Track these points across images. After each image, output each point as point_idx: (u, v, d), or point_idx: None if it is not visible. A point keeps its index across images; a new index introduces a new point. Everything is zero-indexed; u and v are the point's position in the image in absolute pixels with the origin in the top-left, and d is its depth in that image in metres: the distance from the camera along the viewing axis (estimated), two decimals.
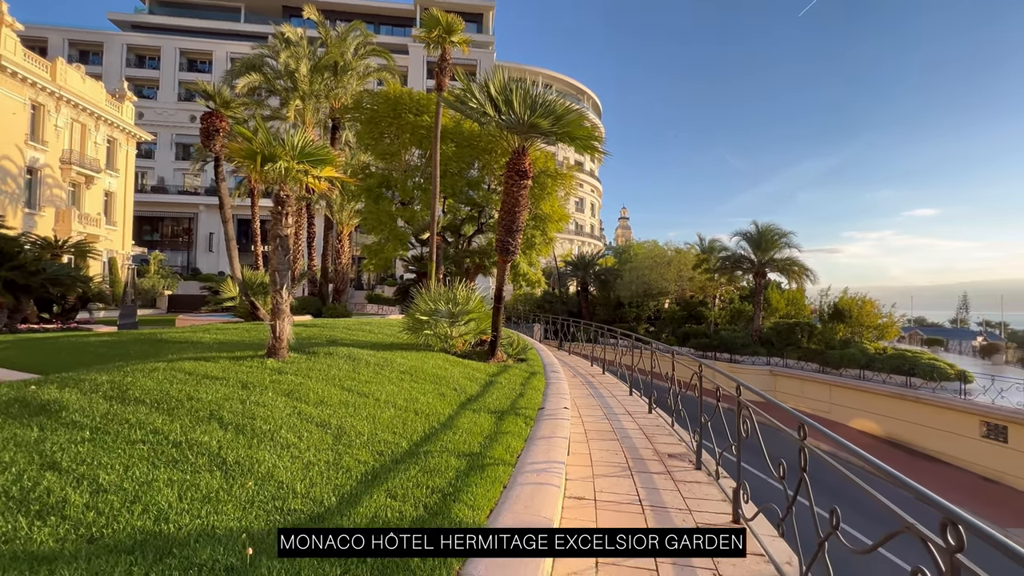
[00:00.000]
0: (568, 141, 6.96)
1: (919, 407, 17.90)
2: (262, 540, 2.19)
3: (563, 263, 43.52)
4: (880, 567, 8.76)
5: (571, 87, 60.13)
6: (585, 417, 7.17)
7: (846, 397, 20.93)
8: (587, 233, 60.92)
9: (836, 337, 25.06)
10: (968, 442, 16.12)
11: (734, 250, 31.06)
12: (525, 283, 21.42)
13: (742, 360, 25.78)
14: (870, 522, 7.17)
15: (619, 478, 4.75)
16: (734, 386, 4.21)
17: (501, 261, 7.33)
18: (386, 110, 20.71)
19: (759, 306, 29.24)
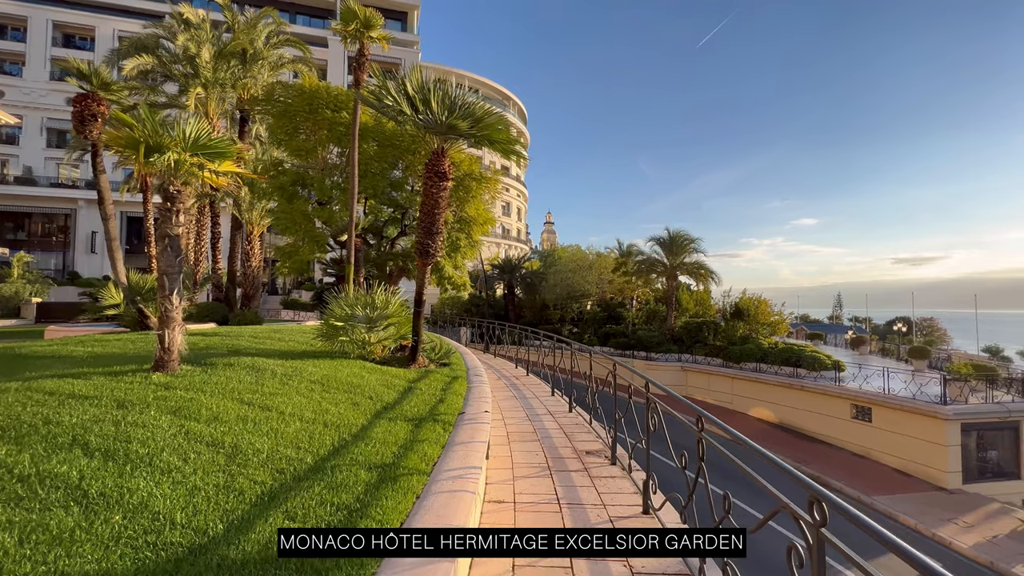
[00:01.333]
0: (488, 144, 6.97)
1: (804, 394, 20.14)
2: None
3: (490, 266, 43.71)
4: (775, 540, 9.71)
5: (497, 92, 60.81)
6: (508, 420, 7.20)
7: (746, 388, 23.00)
8: (514, 237, 61.77)
9: (737, 334, 27.48)
10: (842, 423, 18.40)
11: (649, 254, 33.04)
12: (450, 286, 21.18)
13: (657, 357, 27.43)
14: (765, 500, 7.92)
15: (539, 479, 4.80)
16: (643, 383, 4.43)
17: (421, 264, 7.15)
18: (301, 104, 19.54)
19: (671, 306, 31.33)
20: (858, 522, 1.55)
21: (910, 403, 16.24)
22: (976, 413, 15.47)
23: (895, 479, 15.55)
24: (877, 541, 1.46)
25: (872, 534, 1.49)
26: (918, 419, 15.94)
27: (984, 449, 15.66)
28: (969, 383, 17.12)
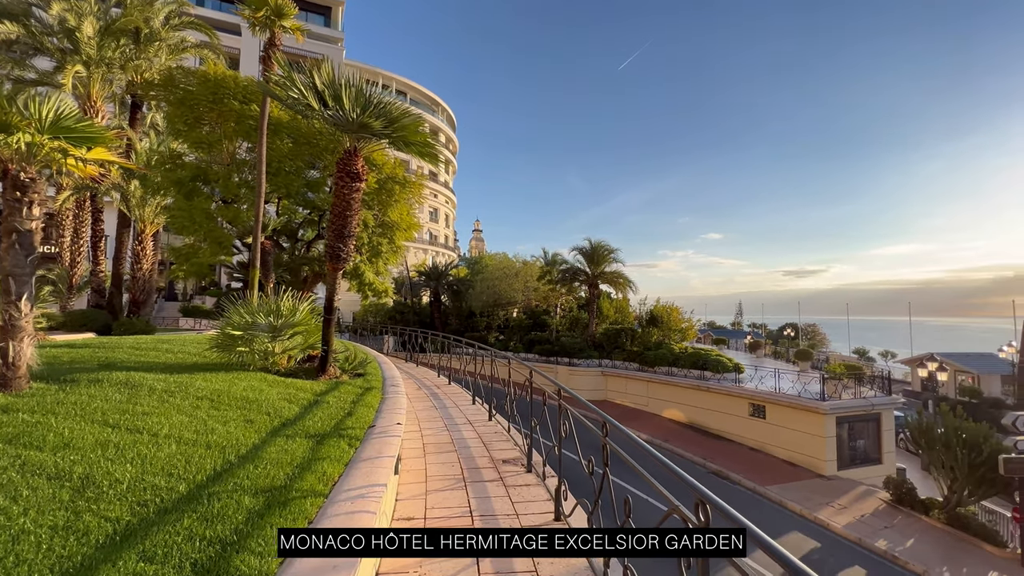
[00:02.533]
0: (404, 146, 6.74)
1: (709, 395, 21.77)
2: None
3: (416, 273, 42.79)
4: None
5: (426, 97, 60.10)
6: (425, 431, 6.96)
7: (659, 391, 24.41)
8: (441, 244, 61.05)
9: (652, 339, 29.14)
10: (741, 420, 20.12)
11: (572, 263, 34.13)
12: (372, 293, 20.34)
13: (579, 363, 28.30)
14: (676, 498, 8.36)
15: (453, 491, 4.65)
16: (556, 389, 4.47)
17: (332, 269, 6.71)
18: (205, 93, 17.86)
19: (593, 314, 32.55)
20: (734, 521, 1.61)
21: (796, 400, 18.14)
22: (847, 407, 17.61)
23: (784, 469, 17.21)
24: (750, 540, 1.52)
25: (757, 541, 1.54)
26: (803, 414, 17.83)
27: (854, 439, 17.86)
28: (842, 381, 19.49)
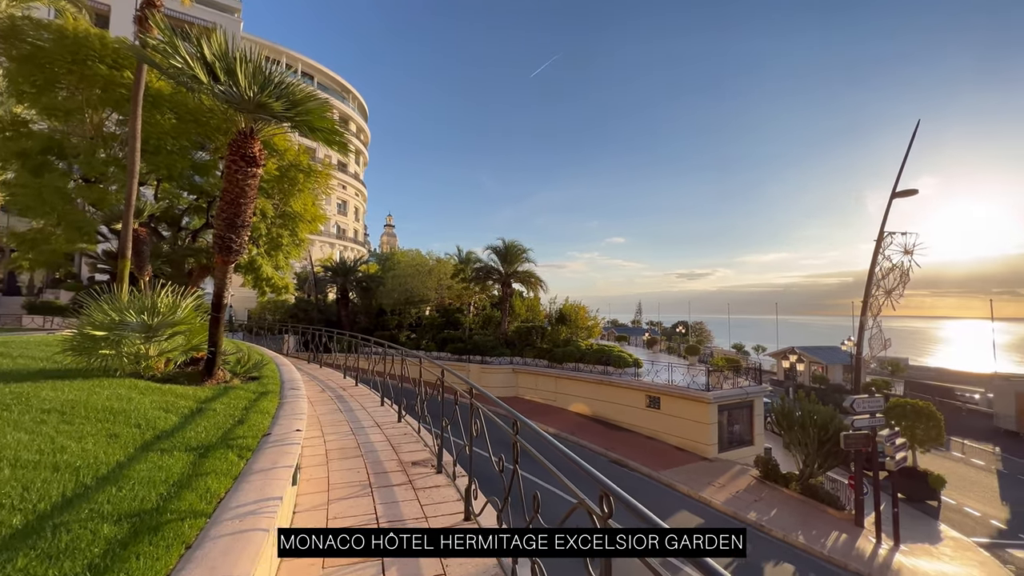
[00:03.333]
0: (308, 131, 6.25)
1: (612, 388, 23.19)
2: None
3: (321, 268, 40.30)
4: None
5: (335, 83, 56.67)
6: (329, 436, 6.57)
7: (567, 386, 25.48)
8: (350, 238, 58.09)
9: (560, 337, 30.33)
10: (639, 411, 21.72)
11: (486, 262, 34.37)
12: (270, 289, 18.75)
13: (492, 361, 28.58)
14: (585, 492, 8.78)
15: (358, 498, 4.44)
16: (467, 388, 4.45)
17: (221, 261, 6.03)
18: (62, 52, 15.22)
19: (506, 312, 33.06)
20: (636, 511, 1.71)
21: (686, 391, 19.97)
22: (727, 396, 19.78)
23: (675, 455, 18.87)
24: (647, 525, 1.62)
25: (644, 521, 1.64)
26: (691, 404, 19.69)
27: (732, 424, 20.11)
28: (723, 373, 21.83)
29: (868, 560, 12.12)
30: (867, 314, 16.02)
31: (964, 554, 13.30)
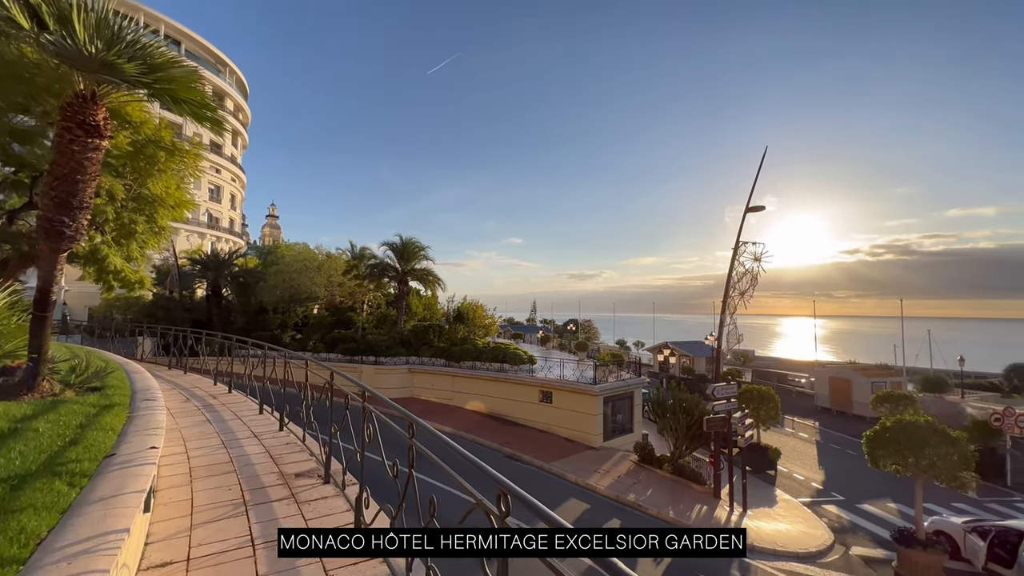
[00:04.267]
0: (173, 103, 5.37)
1: (508, 385, 23.75)
2: None
3: (188, 261, 35.54)
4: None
5: (209, 53, 50.14)
6: (195, 451, 5.79)
7: (464, 385, 25.51)
8: (225, 228, 51.96)
9: (458, 335, 30.28)
10: (533, 406, 22.55)
11: (382, 259, 33.07)
12: (119, 284, 15.98)
13: (387, 361, 27.56)
14: (486, 492, 8.82)
15: (230, 519, 3.97)
16: (360, 391, 4.22)
17: (49, 250, 4.92)
18: None
19: (402, 311, 32.13)
20: (534, 509, 1.74)
21: (575, 385, 21.17)
22: (611, 388, 21.37)
23: (566, 446, 19.90)
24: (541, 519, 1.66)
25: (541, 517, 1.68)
26: (580, 397, 20.92)
27: (615, 414, 21.78)
28: (608, 367, 23.55)
29: (723, 526, 13.93)
30: (725, 313, 18.42)
31: (793, 512, 15.93)
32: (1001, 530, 12.44)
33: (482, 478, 2.22)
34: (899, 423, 12.73)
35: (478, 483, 2.39)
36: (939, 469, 11.92)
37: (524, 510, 1.91)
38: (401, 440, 3.12)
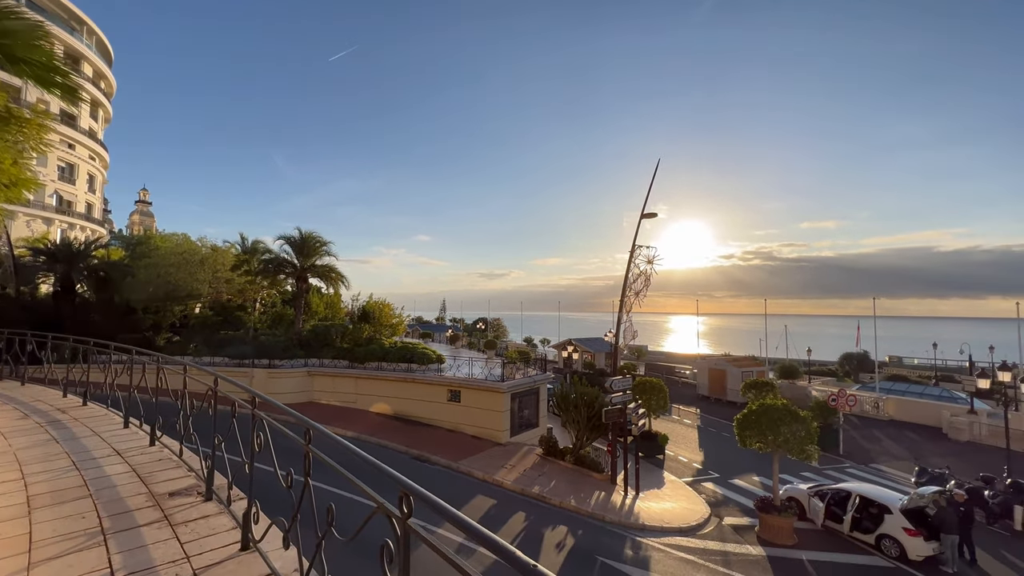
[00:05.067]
0: (7, 62, 4.43)
1: (415, 385, 23.30)
2: None
3: (27, 251, 29.94)
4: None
5: (61, 7, 42.26)
6: (36, 477, 4.92)
7: (369, 387, 24.53)
8: (80, 213, 44.43)
9: (363, 335, 29.04)
10: (441, 406, 22.37)
11: (278, 253, 30.62)
12: None
13: (282, 364, 25.58)
14: (391, 496, 8.54)
15: (82, 552, 3.44)
16: (250, 397, 3.90)
17: None
18: None
19: (300, 310, 30.02)
20: (436, 508, 1.76)
21: (483, 383, 21.40)
22: (518, 385, 21.94)
23: (474, 443, 20.04)
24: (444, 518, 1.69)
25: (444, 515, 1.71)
26: (488, 395, 21.19)
27: (521, 409, 22.40)
28: (515, 364, 24.14)
29: (618, 510, 15.01)
30: (623, 311, 19.82)
31: (677, 492, 17.63)
32: (835, 492, 14.91)
33: (385, 481, 2.19)
34: (761, 407, 14.69)
35: (381, 486, 2.36)
36: (791, 444, 13.97)
37: (429, 511, 1.92)
38: (298, 448, 2.95)
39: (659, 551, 12.53)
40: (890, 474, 21.23)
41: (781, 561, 12.68)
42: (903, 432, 28.23)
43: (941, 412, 28.57)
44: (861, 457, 23.67)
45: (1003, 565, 13.20)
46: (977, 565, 12.95)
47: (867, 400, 31.69)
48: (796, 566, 12.51)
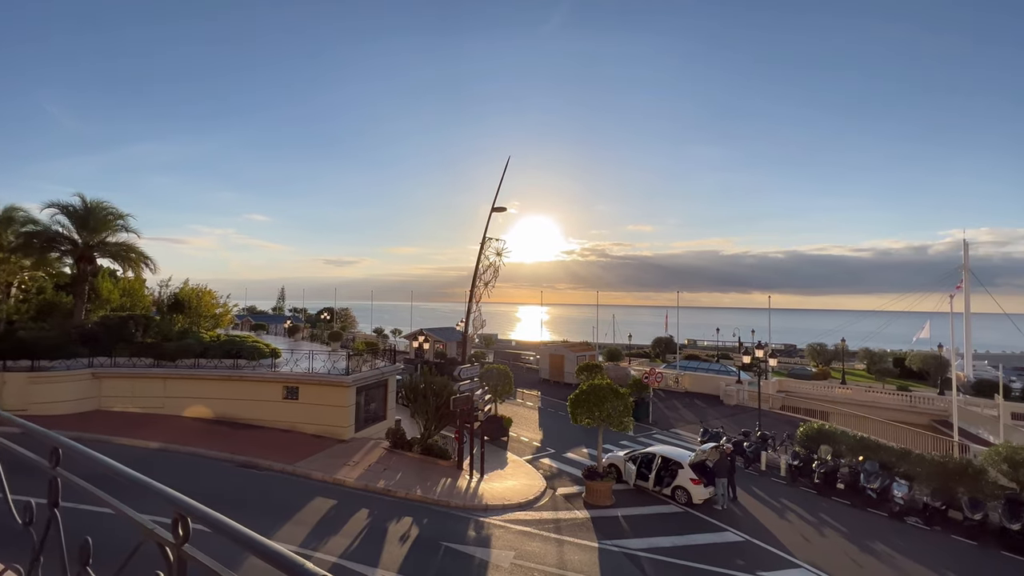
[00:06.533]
0: None
1: (243, 384, 20.65)
2: None
3: None
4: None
5: None
6: None
7: (182, 388, 20.96)
8: None
9: (175, 328, 24.66)
10: (275, 405, 20.24)
11: (48, 225, 24.10)
12: None
13: (53, 366, 20.31)
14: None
15: None
16: None
17: None
18: None
19: (84, 297, 24.19)
20: (217, 526, 1.56)
21: (326, 378, 19.99)
22: (365, 378, 21.02)
23: (313, 443, 18.62)
24: (220, 532, 1.50)
25: (227, 534, 1.52)
26: (331, 389, 19.86)
27: (368, 403, 21.54)
28: (363, 356, 23.05)
29: (463, 494, 15.49)
30: (472, 301, 20.36)
31: (519, 470, 18.91)
32: (643, 455, 17.60)
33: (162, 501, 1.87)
34: (590, 387, 16.55)
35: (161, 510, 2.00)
36: (612, 418, 16.04)
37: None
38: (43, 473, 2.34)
39: (500, 527, 13.30)
40: (685, 436, 25.89)
41: (602, 520, 14.54)
42: (694, 401, 34.67)
43: (719, 383, 35.84)
44: (665, 424, 28.37)
45: (752, 498, 17.17)
46: (737, 501, 16.61)
47: (670, 376, 38.10)
48: (613, 522, 14.48)
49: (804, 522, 15.29)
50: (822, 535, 14.40)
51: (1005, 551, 13.75)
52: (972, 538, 14.43)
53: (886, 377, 46.86)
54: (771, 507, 16.45)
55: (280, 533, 11.23)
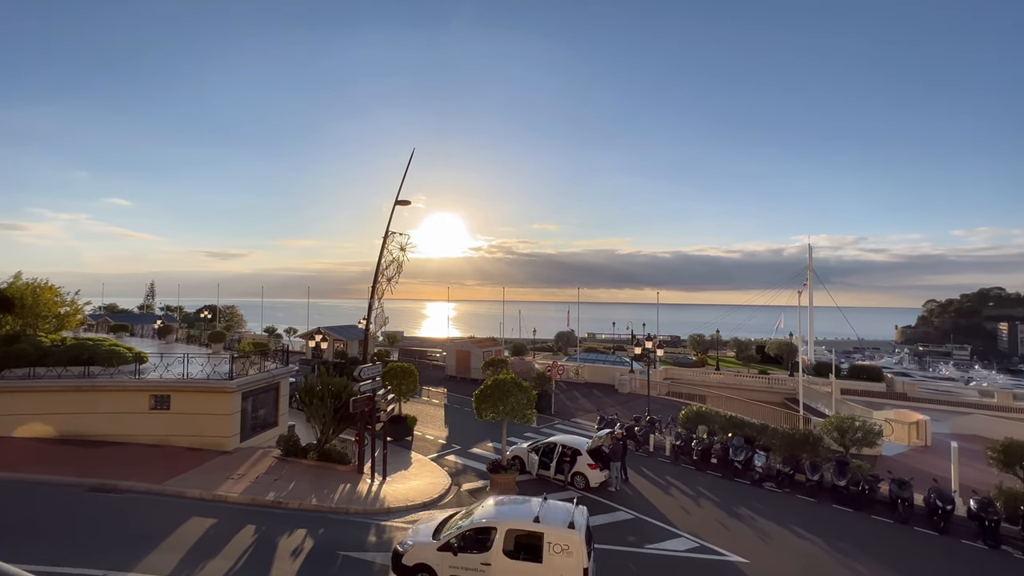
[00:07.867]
0: None
1: (96, 395, 17.72)
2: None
3: None
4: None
5: None
6: None
7: (12, 403, 17.42)
8: None
9: (3, 331, 20.44)
10: (140, 417, 17.65)
11: None
12: None
13: None
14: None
15: None
16: None
17: None
18: None
19: None
20: None
21: (204, 384, 17.91)
22: (252, 382, 19.19)
23: (187, 457, 16.60)
24: None
25: None
26: (210, 397, 17.84)
27: (256, 409, 19.71)
28: (250, 358, 21.04)
29: (363, 499, 14.86)
30: (375, 297, 19.54)
31: (423, 469, 18.60)
32: (545, 445, 18.29)
33: None
34: (495, 382, 16.78)
35: None
36: (516, 411, 16.43)
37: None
38: None
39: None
40: (584, 424, 27.36)
41: None
42: (592, 391, 36.82)
43: (614, 373, 38.47)
44: (566, 414, 29.75)
45: (642, 477, 18.69)
46: (628, 482, 17.96)
47: (571, 368, 40.04)
48: None
49: (685, 496, 17.00)
50: (699, 506, 16.12)
51: (836, 504, 16.52)
52: (812, 496, 17.13)
53: (750, 363, 54.02)
54: (657, 485, 18.04)
55: (144, 563, 9.88)
